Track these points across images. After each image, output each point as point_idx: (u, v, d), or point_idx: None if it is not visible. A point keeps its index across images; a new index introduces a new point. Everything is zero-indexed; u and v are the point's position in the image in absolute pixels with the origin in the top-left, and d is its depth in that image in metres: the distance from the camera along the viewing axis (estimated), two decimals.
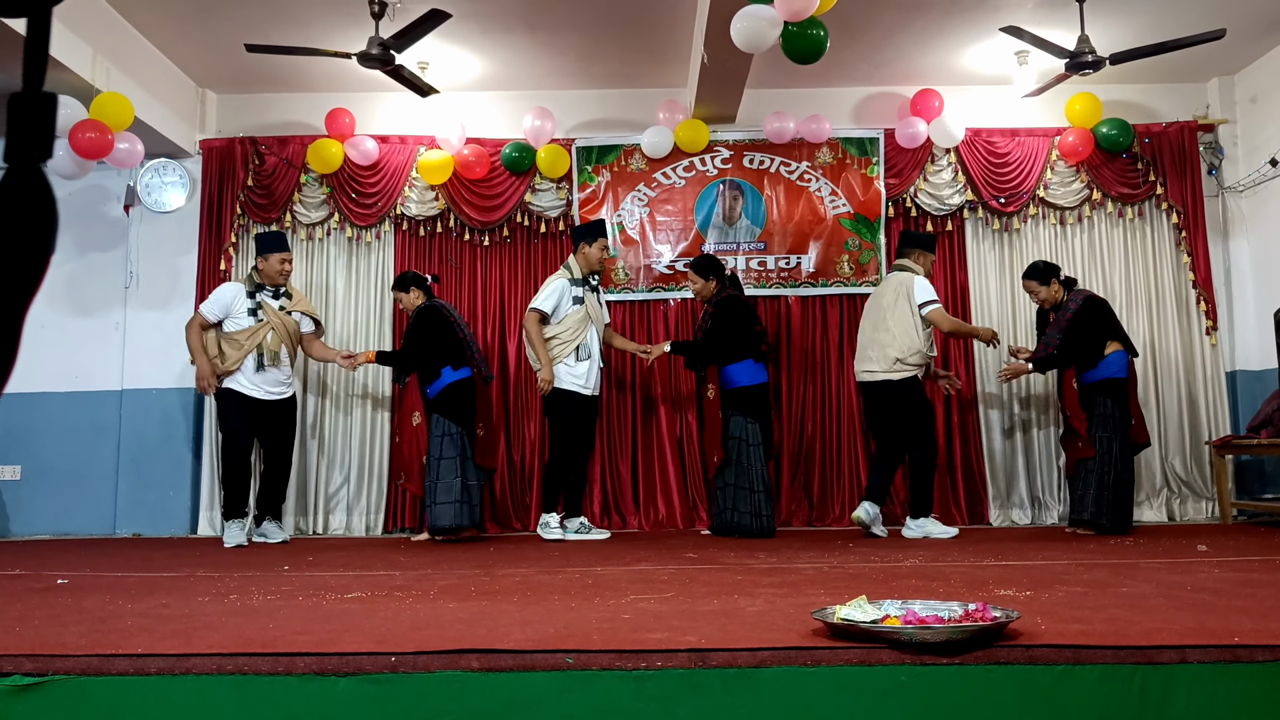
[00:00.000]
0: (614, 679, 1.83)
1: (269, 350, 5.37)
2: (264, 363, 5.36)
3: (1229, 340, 6.46)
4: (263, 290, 5.44)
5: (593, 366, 5.36)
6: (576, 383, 5.32)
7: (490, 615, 2.47)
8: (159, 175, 6.30)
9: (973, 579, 3.24)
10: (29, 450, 6.25)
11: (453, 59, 5.99)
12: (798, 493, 6.24)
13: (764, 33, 4.33)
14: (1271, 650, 1.85)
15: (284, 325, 5.44)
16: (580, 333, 5.33)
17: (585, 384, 5.34)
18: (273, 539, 5.41)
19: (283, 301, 5.48)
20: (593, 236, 5.48)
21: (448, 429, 5.27)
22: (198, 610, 2.68)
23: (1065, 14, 5.37)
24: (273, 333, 5.40)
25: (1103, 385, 5.14)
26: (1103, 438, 5.09)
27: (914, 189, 6.40)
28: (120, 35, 5.52)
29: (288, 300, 5.50)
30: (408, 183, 6.37)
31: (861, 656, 1.85)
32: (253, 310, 5.38)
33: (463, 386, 5.38)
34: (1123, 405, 5.13)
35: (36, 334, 6.22)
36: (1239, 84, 6.52)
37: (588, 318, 5.36)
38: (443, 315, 5.46)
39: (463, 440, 5.30)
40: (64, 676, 1.87)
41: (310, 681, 1.85)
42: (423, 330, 5.40)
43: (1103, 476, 5.06)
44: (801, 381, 6.31)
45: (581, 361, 5.33)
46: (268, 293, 5.44)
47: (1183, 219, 6.38)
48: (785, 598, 2.74)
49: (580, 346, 5.33)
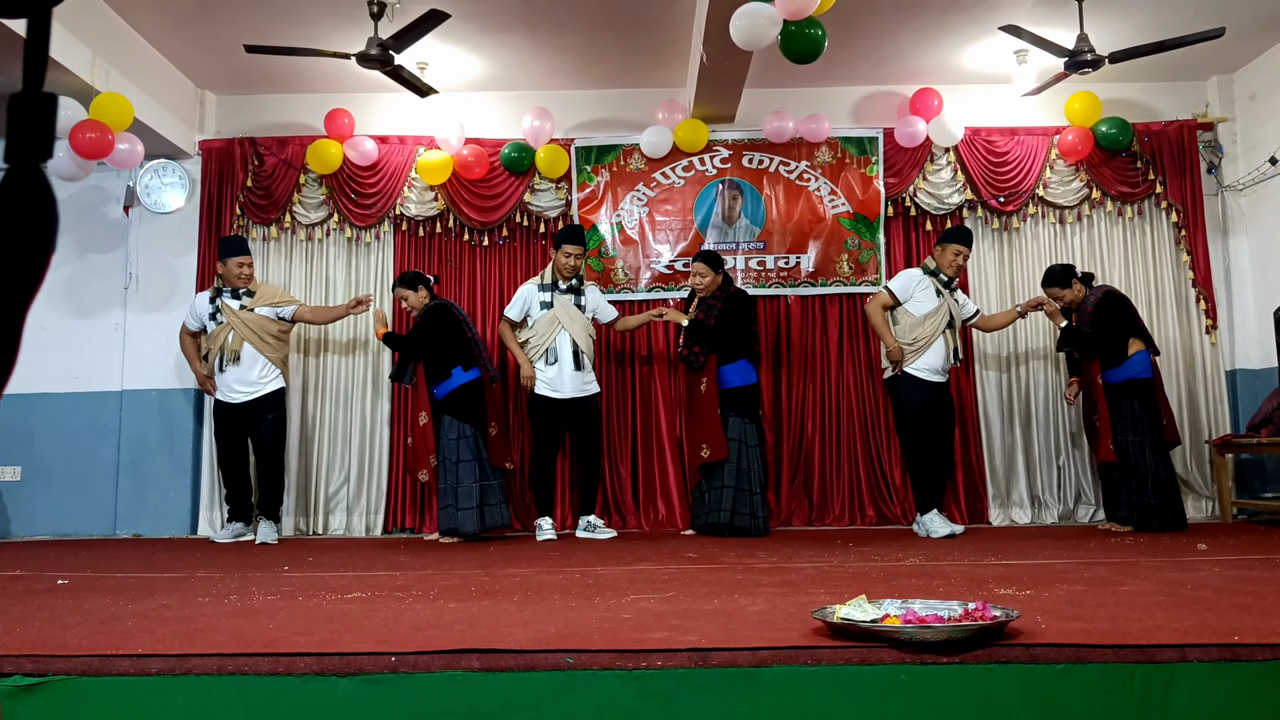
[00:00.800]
0: (615, 678, 1.84)
1: (229, 350, 5.49)
2: (223, 362, 5.50)
3: (1229, 339, 6.46)
4: (223, 294, 5.57)
5: (563, 370, 5.39)
6: (545, 387, 5.42)
7: (491, 615, 2.47)
8: (158, 176, 6.29)
9: (973, 578, 3.24)
10: (29, 451, 6.25)
11: (452, 59, 5.99)
12: (798, 492, 6.24)
13: (763, 30, 4.32)
14: (1272, 649, 1.85)
15: (244, 324, 5.51)
16: (547, 337, 5.41)
17: (555, 388, 5.40)
18: (260, 539, 5.41)
19: (244, 301, 5.56)
20: (560, 243, 5.52)
21: (462, 431, 5.25)
22: (198, 611, 2.68)
23: (1064, 13, 5.37)
24: (232, 332, 5.50)
25: (1128, 386, 5.11)
26: (1134, 442, 5.07)
27: (913, 188, 6.40)
28: (119, 36, 5.52)
29: (249, 298, 5.58)
30: (407, 183, 6.37)
31: (862, 656, 1.85)
32: (213, 314, 5.57)
33: (474, 387, 5.36)
34: (1150, 406, 5.12)
35: (36, 335, 6.21)
36: (1238, 82, 6.52)
37: (556, 321, 5.41)
38: (452, 314, 5.47)
39: (477, 442, 5.30)
40: (65, 677, 1.87)
41: (311, 682, 1.86)
42: (432, 329, 5.38)
43: (1142, 480, 5.05)
44: (801, 381, 6.30)
45: (550, 365, 5.40)
46: (227, 294, 5.57)
47: (1182, 217, 6.38)
48: (786, 597, 2.74)
49: (549, 350, 5.39)
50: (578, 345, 5.44)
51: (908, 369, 5.25)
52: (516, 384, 6.29)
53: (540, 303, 5.45)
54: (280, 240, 6.43)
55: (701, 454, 5.27)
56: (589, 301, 5.61)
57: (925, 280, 5.35)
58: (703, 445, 5.28)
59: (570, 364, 5.42)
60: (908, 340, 5.26)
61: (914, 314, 5.30)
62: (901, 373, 5.28)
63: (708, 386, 5.33)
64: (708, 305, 5.42)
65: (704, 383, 5.34)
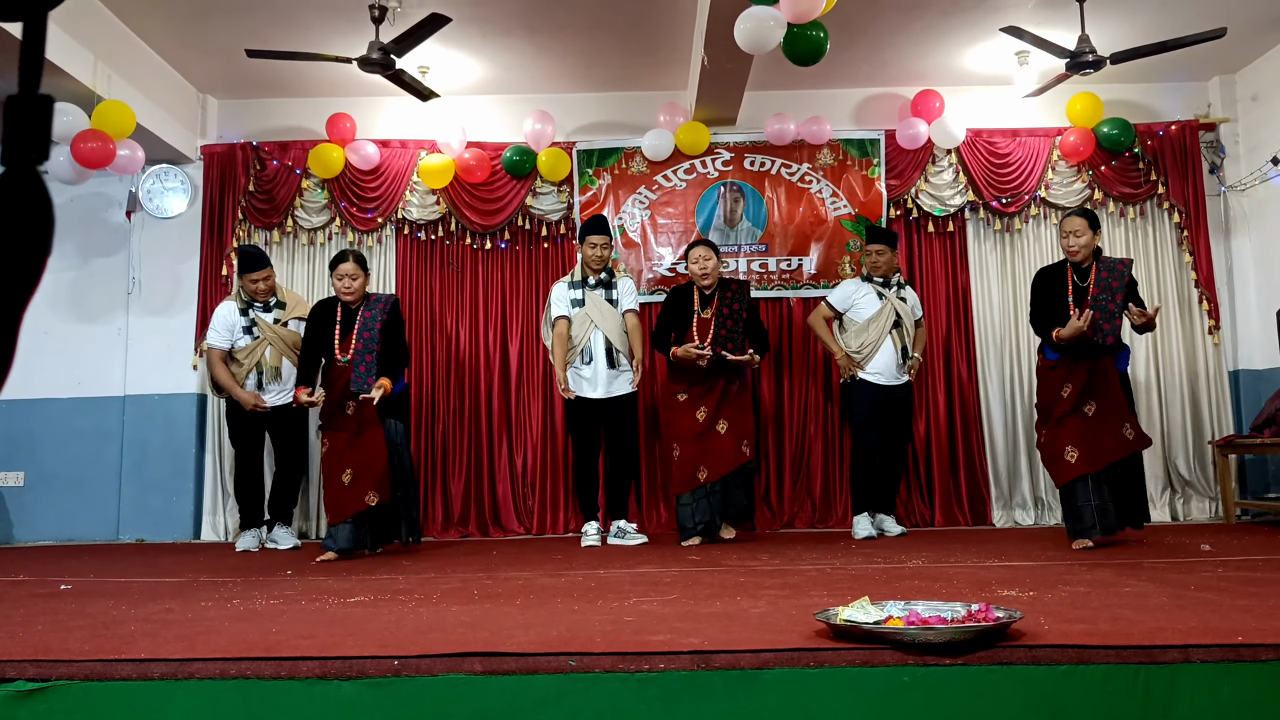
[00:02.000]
0: (617, 681, 1.83)
1: (269, 367, 5.32)
2: (263, 381, 5.33)
3: (1232, 339, 6.45)
4: (253, 307, 5.39)
5: (597, 369, 5.20)
6: (580, 387, 5.23)
7: (493, 618, 2.47)
8: (160, 181, 6.30)
9: (976, 579, 3.24)
10: (32, 456, 6.26)
11: (453, 63, 5.99)
12: (800, 494, 6.24)
13: (768, 34, 4.32)
14: (1275, 649, 1.85)
15: (280, 338, 5.37)
16: (581, 336, 5.22)
17: (590, 388, 5.21)
18: (282, 545, 5.36)
19: (276, 313, 5.41)
20: (584, 235, 5.37)
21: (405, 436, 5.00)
22: (201, 615, 2.68)
23: (1065, 14, 5.37)
24: (270, 348, 5.34)
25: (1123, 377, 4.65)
26: None
27: (915, 190, 6.40)
28: (121, 41, 5.53)
29: (281, 310, 5.43)
30: (409, 187, 6.38)
31: (864, 658, 1.85)
32: (247, 328, 5.36)
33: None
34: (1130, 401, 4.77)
35: (39, 340, 6.23)
36: (1240, 82, 6.51)
37: (588, 319, 5.23)
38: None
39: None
40: (67, 682, 1.87)
41: (313, 685, 1.86)
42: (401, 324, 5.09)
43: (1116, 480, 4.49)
44: (804, 383, 6.30)
45: (586, 365, 5.22)
46: (258, 307, 5.39)
47: (1184, 218, 6.37)
48: (788, 599, 2.74)
49: (584, 350, 5.22)
50: (611, 343, 5.20)
51: (861, 375, 5.22)
52: (518, 386, 6.32)
53: (571, 301, 5.25)
54: (282, 244, 6.44)
55: (743, 451, 4.98)
56: (621, 294, 5.33)
57: (864, 287, 5.32)
58: (743, 442, 5.00)
59: (604, 362, 5.21)
60: (855, 348, 5.24)
61: (857, 321, 5.28)
62: (854, 379, 5.25)
63: (742, 381, 5.15)
64: (724, 298, 5.12)
65: (737, 382, 5.12)
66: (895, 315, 5.25)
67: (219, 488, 6.20)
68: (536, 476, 6.23)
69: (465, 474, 6.24)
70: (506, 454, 6.26)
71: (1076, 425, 4.40)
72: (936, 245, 6.45)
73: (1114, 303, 4.39)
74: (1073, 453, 4.37)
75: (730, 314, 5.08)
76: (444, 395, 6.32)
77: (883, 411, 5.23)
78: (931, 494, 6.18)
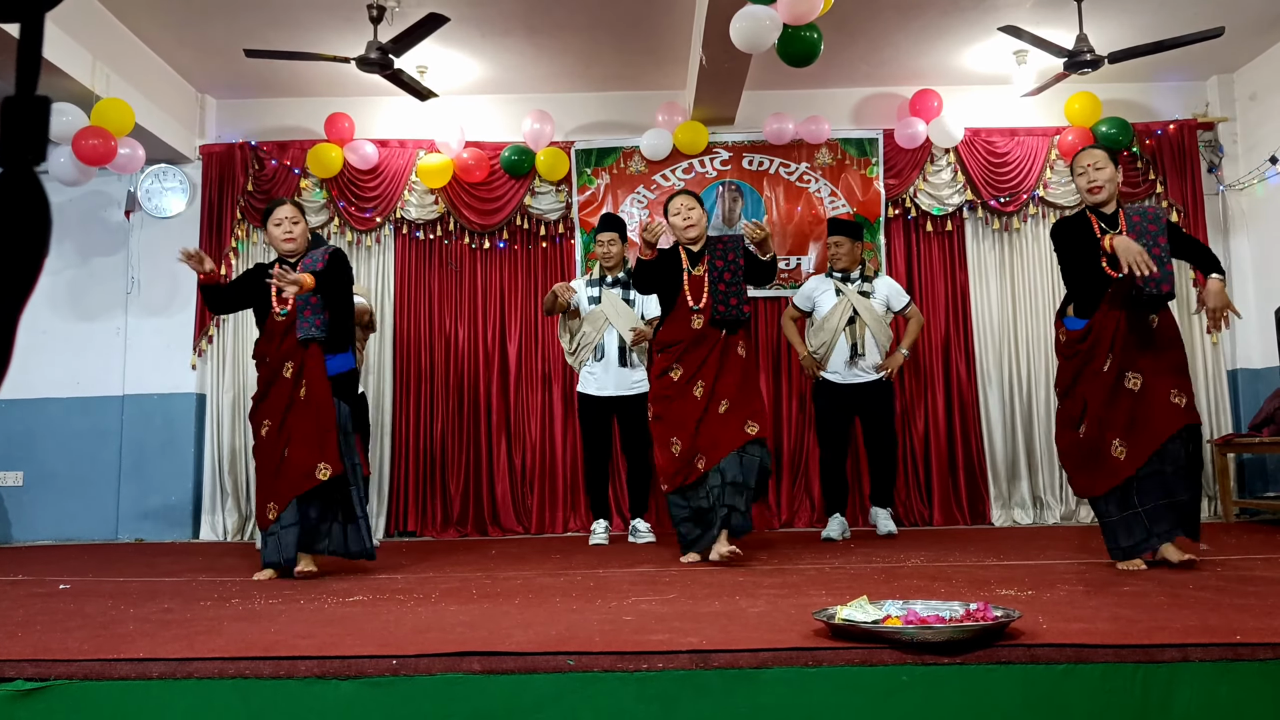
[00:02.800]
0: (616, 681, 1.83)
1: None
2: None
3: (1230, 338, 6.45)
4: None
5: (608, 367, 5.16)
6: (590, 385, 5.21)
7: (492, 618, 2.47)
8: (159, 181, 6.30)
9: (974, 578, 3.24)
10: (31, 456, 6.25)
11: (451, 62, 5.99)
12: (799, 494, 6.24)
13: (764, 33, 4.32)
14: (1273, 648, 1.85)
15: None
16: (595, 334, 5.19)
17: (600, 386, 5.17)
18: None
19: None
20: (595, 233, 5.36)
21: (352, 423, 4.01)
22: (200, 614, 2.68)
23: (1064, 13, 5.37)
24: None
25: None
26: None
27: (913, 189, 6.40)
28: (120, 42, 5.53)
29: None
30: (407, 186, 6.38)
31: (863, 657, 1.85)
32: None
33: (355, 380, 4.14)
34: None
35: (38, 340, 6.23)
36: (1238, 82, 6.52)
37: (602, 316, 5.18)
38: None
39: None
40: (66, 681, 1.87)
41: (312, 685, 1.85)
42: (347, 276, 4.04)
43: None
44: (802, 383, 6.30)
45: (598, 362, 5.19)
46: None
47: (1183, 217, 6.37)
48: (787, 598, 2.74)
49: (597, 347, 5.19)
50: (624, 342, 5.14)
51: (823, 375, 5.19)
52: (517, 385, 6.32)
53: (588, 298, 5.23)
54: None
55: (748, 430, 3.98)
56: (642, 297, 5.17)
57: (825, 282, 5.26)
58: (748, 420, 4.01)
59: (615, 360, 5.17)
60: (814, 346, 5.21)
61: (816, 319, 5.25)
62: (818, 379, 5.22)
63: (746, 349, 4.21)
64: (715, 251, 4.21)
65: (741, 345, 4.18)
66: (852, 312, 5.13)
67: (218, 487, 6.20)
68: (535, 476, 6.23)
69: (464, 473, 6.24)
70: (505, 453, 6.26)
71: (1125, 406, 3.42)
72: (935, 245, 6.45)
73: (1158, 247, 3.45)
74: (1121, 448, 3.40)
75: (727, 265, 4.16)
76: (442, 395, 6.32)
77: (844, 413, 5.18)
78: (930, 493, 6.18)
